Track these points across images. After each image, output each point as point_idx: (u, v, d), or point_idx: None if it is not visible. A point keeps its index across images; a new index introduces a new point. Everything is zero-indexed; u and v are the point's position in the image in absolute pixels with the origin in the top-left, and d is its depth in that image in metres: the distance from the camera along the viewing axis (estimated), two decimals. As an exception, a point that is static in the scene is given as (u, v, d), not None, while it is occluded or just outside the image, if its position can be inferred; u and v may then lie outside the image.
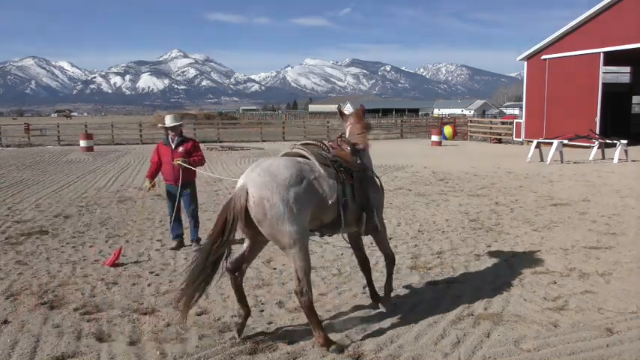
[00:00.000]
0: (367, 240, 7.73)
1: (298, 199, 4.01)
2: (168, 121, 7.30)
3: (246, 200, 3.97)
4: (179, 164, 7.03)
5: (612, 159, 17.82)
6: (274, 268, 6.34)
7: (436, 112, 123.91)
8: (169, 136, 7.25)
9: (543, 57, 25.22)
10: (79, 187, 13.16)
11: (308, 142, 4.87)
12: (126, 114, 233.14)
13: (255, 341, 4.32)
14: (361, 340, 4.34)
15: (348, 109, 6.35)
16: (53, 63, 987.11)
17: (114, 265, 6.46)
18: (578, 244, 7.31)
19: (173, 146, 7.20)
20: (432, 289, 5.56)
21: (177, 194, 7.22)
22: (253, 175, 4.06)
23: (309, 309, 4.10)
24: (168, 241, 7.78)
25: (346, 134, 5.05)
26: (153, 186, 7.38)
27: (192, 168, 7.20)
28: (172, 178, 7.19)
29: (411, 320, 4.73)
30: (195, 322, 4.74)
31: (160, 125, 7.41)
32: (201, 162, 7.38)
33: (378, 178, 4.95)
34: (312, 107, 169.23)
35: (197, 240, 7.34)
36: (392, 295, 5.22)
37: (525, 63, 26.46)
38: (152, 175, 7.34)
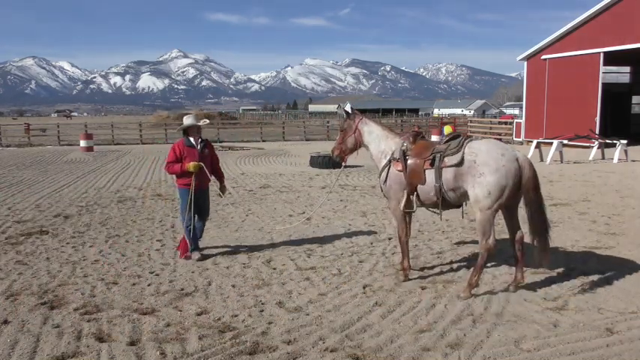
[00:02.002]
0: (366, 240, 7.72)
1: None
2: (193, 120, 6.77)
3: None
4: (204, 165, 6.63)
5: (612, 159, 17.82)
6: (274, 268, 6.34)
7: (436, 112, 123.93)
8: (192, 138, 6.73)
9: (543, 57, 25.22)
10: (79, 187, 13.16)
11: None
12: (126, 114, 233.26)
13: (255, 341, 4.32)
14: (361, 340, 4.35)
15: (348, 108, 6.40)
16: (53, 63, 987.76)
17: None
18: (578, 244, 7.31)
19: (199, 148, 6.74)
20: (432, 289, 5.55)
21: (194, 198, 6.68)
22: (521, 154, 5.31)
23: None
24: (168, 241, 7.77)
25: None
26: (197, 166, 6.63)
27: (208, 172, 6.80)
28: (203, 183, 6.75)
29: (410, 320, 4.73)
30: (195, 322, 4.74)
31: (185, 125, 6.76)
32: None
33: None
34: (312, 107, 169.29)
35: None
36: (391, 292, 5.22)
37: (525, 63, 26.46)
38: (183, 167, 6.61)
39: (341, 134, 6.33)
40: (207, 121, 7.10)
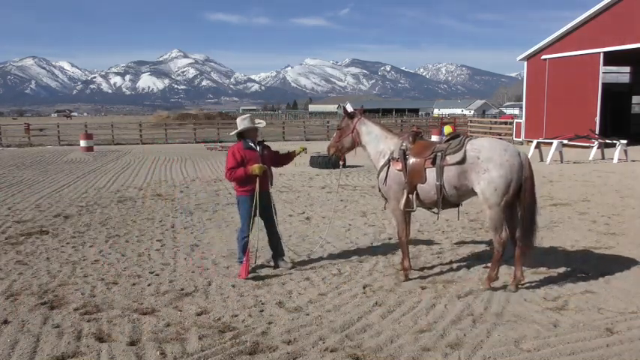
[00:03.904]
0: (370, 239, 7.71)
1: None
2: (250, 123, 6.22)
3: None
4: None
5: (612, 159, 17.82)
6: (274, 268, 6.34)
7: (436, 112, 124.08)
8: (250, 140, 6.24)
9: (543, 57, 25.22)
10: (79, 187, 13.16)
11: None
12: (126, 114, 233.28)
13: (255, 341, 4.32)
14: (361, 340, 4.35)
15: (349, 108, 6.39)
16: (53, 63, 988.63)
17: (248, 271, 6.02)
18: (578, 244, 7.31)
19: (258, 149, 6.27)
20: (432, 289, 5.56)
21: (262, 203, 6.19)
22: (522, 152, 5.43)
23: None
24: (168, 241, 7.77)
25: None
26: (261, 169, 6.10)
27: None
28: (267, 185, 6.31)
29: (410, 320, 4.73)
30: (195, 322, 4.74)
31: (241, 129, 6.20)
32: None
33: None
34: (312, 107, 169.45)
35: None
36: (391, 292, 5.23)
37: (525, 63, 26.46)
38: (247, 170, 6.06)
39: (338, 132, 6.31)
40: (264, 122, 6.53)
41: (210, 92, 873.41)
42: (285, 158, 6.67)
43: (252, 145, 6.22)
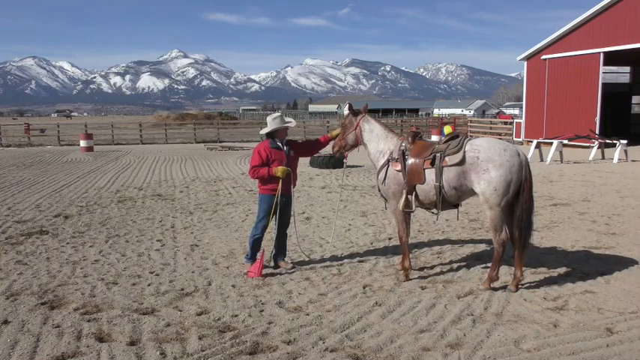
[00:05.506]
0: (369, 240, 7.72)
1: None
2: (281, 123, 6.10)
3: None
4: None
5: (612, 159, 17.83)
6: (274, 268, 6.34)
7: (436, 112, 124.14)
8: (278, 139, 6.14)
9: (543, 57, 25.23)
10: (79, 187, 13.16)
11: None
12: (126, 114, 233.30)
13: (255, 341, 4.32)
14: (361, 340, 4.34)
15: (352, 106, 6.39)
16: (53, 63, 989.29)
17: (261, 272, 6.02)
18: (578, 244, 7.31)
19: (285, 150, 6.15)
20: (432, 289, 5.55)
21: (279, 205, 6.14)
22: (521, 152, 5.41)
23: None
24: (168, 241, 7.77)
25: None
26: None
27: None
28: (289, 188, 6.17)
29: (410, 320, 4.73)
30: (195, 322, 4.74)
31: (271, 129, 6.08)
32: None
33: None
34: (312, 107, 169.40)
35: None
36: (391, 292, 5.23)
37: (525, 63, 26.46)
38: (270, 171, 5.99)
39: (342, 130, 6.34)
40: (294, 122, 6.39)
41: (210, 92, 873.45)
42: (313, 147, 6.60)
43: (280, 144, 6.14)
